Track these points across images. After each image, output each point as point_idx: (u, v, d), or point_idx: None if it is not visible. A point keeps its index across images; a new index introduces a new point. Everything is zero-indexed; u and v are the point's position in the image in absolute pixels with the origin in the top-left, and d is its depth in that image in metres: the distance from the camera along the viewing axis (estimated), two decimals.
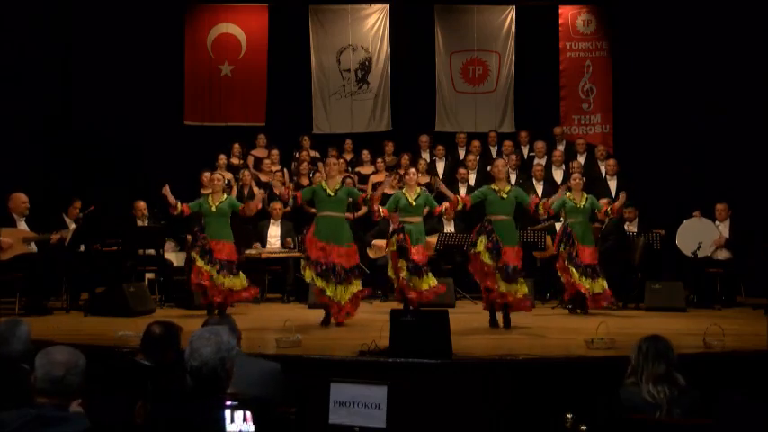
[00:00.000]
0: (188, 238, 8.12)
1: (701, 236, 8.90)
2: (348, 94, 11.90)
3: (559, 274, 8.31)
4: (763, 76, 9.71)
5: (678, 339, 4.34)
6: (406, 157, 10.31)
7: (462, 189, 9.98)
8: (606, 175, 10.15)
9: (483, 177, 10.02)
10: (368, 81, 11.88)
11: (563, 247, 8.22)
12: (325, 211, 7.45)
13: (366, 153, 10.76)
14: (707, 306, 8.70)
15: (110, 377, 3.69)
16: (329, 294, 7.18)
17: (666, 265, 9.15)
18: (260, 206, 9.57)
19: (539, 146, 10.76)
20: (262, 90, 11.82)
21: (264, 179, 10.32)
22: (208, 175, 8.69)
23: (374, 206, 7.73)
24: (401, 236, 7.55)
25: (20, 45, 10.08)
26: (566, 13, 11.82)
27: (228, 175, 10.07)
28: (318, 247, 7.27)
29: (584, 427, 3.66)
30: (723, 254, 9.11)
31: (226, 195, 8.12)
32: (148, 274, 9.47)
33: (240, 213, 8.10)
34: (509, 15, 11.82)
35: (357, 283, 7.36)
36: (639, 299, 8.72)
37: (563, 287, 8.36)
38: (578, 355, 5.73)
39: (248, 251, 9.25)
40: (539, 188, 9.95)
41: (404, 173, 8.41)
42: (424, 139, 11.04)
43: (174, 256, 9.62)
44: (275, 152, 10.70)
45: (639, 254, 8.87)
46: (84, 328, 7.12)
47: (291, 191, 8.10)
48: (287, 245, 9.52)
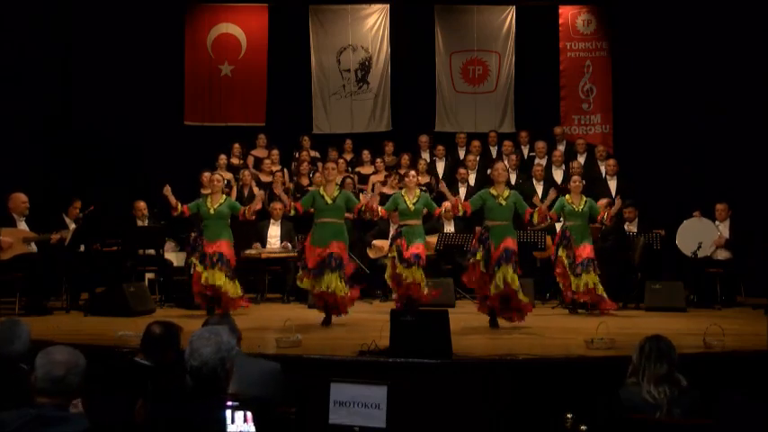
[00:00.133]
0: (190, 236, 8.10)
1: (701, 236, 8.89)
2: (348, 94, 11.90)
3: (558, 280, 8.31)
4: (763, 76, 9.70)
5: (678, 339, 4.33)
6: (405, 157, 10.31)
7: (462, 189, 9.98)
8: (606, 175, 10.15)
9: (483, 177, 10.02)
10: (368, 81, 11.88)
11: (561, 250, 8.20)
12: (324, 218, 7.43)
13: (366, 153, 10.76)
14: (707, 306, 8.69)
15: (110, 377, 3.69)
16: (325, 284, 7.12)
17: (666, 265, 9.14)
18: (260, 206, 9.58)
19: (539, 146, 10.76)
20: (262, 90, 11.82)
21: (265, 179, 10.32)
22: (208, 175, 8.69)
23: (373, 206, 7.71)
24: (399, 241, 7.55)
25: (20, 45, 10.08)
26: (566, 13, 11.82)
27: (228, 175, 10.08)
28: (316, 254, 7.24)
29: (584, 427, 3.66)
30: (723, 254, 9.10)
31: (225, 197, 8.10)
32: (148, 274, 9.48)
33: (240, 218, 8.08)
34: (509, 15, 11.83)
35: (344, 286, 7.21)
36: (639, 299, 8.71)
37: (562, 291, 8.35)
38: (578, 355, 5.73)
39: (248, 251, 9.24)
40: (539, 188, 9.94)
41: (404, 174, 8.39)
42: (423, 139, 11.04)
43: (174, 256, 9.62)
44: (275, 152, 10.70)
45: (639, 254, 8.86)
46: (84, 328, 7.12)
47: (290, 200, 8.03)
48: (285, 248, 9.49)
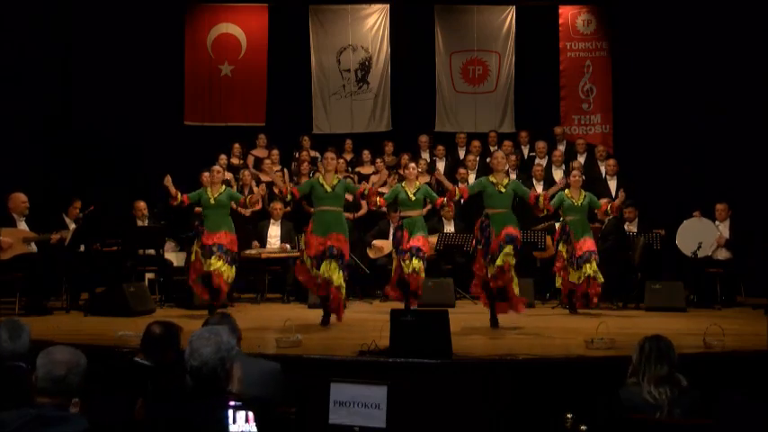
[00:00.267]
0: (194, 224, 8.13)
1: (701, 236, 8.89)
2: (348, 94, 11.90)
3: (557, 275, 8.31)
4: (763, 76, 9.70)
5: (678, 339, 4.33)
6: (405, 157, 10.28)
7: None
8: (606, 175, 10.16)
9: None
10: (368, 81, 11.88)
11: (561, 245, 8.21)
12: (323, 206, 7.43)
13: (366, 153, 10.76)
14: (707, 306, 8.69)
15: (110, 377, 3.69)
16: (323, 270, 7.11)
17: (666, 265, 9.14)
18: (260, 205, 9.58)
19: (540, 146, 10.76)
20: (262, 90, 11.82)
21: (265, 179, 10.31)
22: (207, 175, 8.69)
23: (372, 198, 7.72)
24: (400, 233, 7.56)
25: (20, 45, 10.08)
26: (566, 13, 11.82)
27: (228, 175, 10.07)
28: (318, 242, 7.24)
29: (584, 427, 3.66)
30: (723, 254, 9.11)
31: (225, 187, 8.16)
32: (148, 274, 9.47)
33: (240, 206, 8.07)
34: (509, 15, 11.82)
35: (340, 276, 7.20)
36: (639, 299, 8.71)
37: (561, 288, 8.35)
38: (578, 355, 5.73)
39: (248, 251, 9.24)
40: (539, 188, 9.92)
41: (404, 167, 8.40)
42: (423, 139, 11.04)
43: (174, 256, 9.62)
44: (275, 152, 10.69)
45: (639, 254, 8.86)
46: (84, 328, 7.12)
47: (285, 184, 8.05)
48: (284, 249, 9.49)
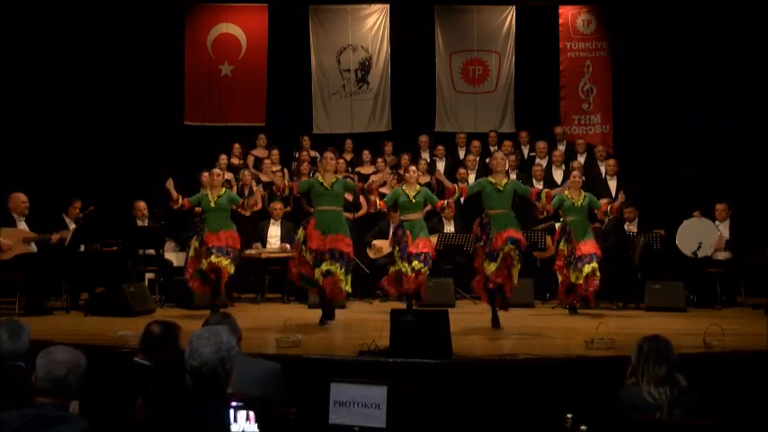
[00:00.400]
0: (196, 221, 8.14)
1: (700, 236, 8.88)
2: (348, 94, 11.89)
3: (557, 275, 8.30)
4: (763, 76, 9.71)
5: (678, 339, 4.34)
6: (406, 157, 10.31)
7: None
8: (606, 175, 10.15)
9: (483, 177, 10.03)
10: (368, 81, 11.88)
11: (563, 244, 8.21)
12: (323, 205, 7.43)
13: (366, 153, 10.76)
14: (707, 306, 8.69)
15: (110, 377, 3.69)
16: (324, 268, 7.12)
17: (666, 265, 9.14)
18: (260, 205, 9.57)
19: (540, 146, 10.76)
20: (262, 90, 11.81)
21: (265, 179, 10.32)
22: (206, 175, 8.70)
23: (372, 196, 7.72)
24: (401, 232, 7.57)
25: (20, 45, 10.08)
26: (566, 13, 11.81)
27: (229, 174, 10.07)
28: (320, 238, 7.22)
29: (584, 427, 3.66)
30: (723, 254, 9.10)
31: (225, 190, 8.18)
32: (148, 274, 9.48)
33: (239, 209, 8.09)
34: (509, 15, 11.82)
35: (342, 273, 7.21)
36: (639, 299, 8.71)
37: (559, 287, 8.34)
38: (578, 355, 5.73)
39: (248, 251, 9.24)
40: (539, 188, 9.93)
41: (404, 170, 8.39)
42: (423, 139, 11.04)
43: (174, 256, 9.61)
44: (275, 152, 10.69)
45: (639, 254, 8.86)
46: (84, 328, 7.12)
47: (284, 181, 8.04)
48: (284, 250, 9.48)
